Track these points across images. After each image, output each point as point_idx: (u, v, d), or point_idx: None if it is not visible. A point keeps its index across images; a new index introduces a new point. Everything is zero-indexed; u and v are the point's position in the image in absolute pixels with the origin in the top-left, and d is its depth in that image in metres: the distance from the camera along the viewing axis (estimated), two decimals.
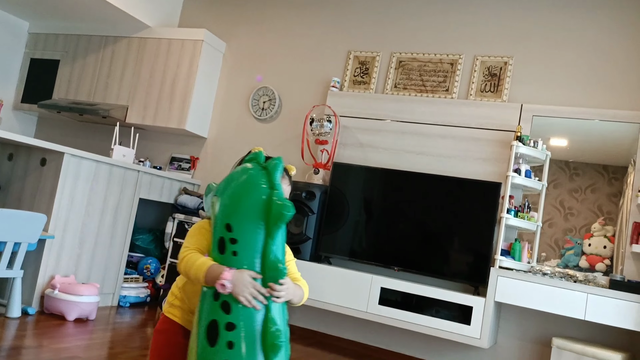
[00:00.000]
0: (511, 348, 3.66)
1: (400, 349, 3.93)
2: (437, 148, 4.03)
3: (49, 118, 5.72)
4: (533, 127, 3.79)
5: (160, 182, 4.49)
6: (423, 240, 3.86)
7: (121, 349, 3.13)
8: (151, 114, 4.88)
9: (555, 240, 3.75)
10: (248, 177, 1.48)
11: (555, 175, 3.81)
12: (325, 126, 4.24)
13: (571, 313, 3.21)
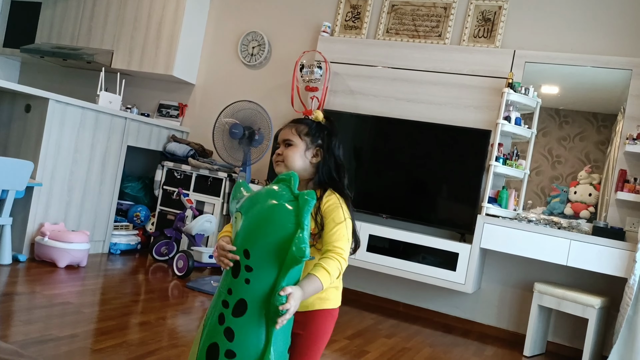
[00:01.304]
0: (494, 293, 3.76)
1: (387, 295, 4.04)
2: (428, 95, 3.99)
3: (32, 63, 5.58)
4: (525, 74, 3.75)
5: (149, 130, 4.45)
6: (412, 188, 3.88)
7: (113, 294, 3.18)
8: (137, 59, 4.77)
9: (542, 188, 3.78)
10: (278, 209, 1.35)
11: (544, 123, 3.80)
12: (316, 72, 4.16)
13: (554, 259, 3.28)
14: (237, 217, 1.41)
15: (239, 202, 1.44)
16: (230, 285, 1.37)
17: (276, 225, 1.35)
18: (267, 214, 1.36)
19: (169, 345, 2.46)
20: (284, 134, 1.58)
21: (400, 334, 3.35)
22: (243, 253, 1.36)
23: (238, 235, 1.38)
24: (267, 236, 1.34)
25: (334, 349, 2.83)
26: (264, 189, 1.44)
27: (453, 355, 3.11)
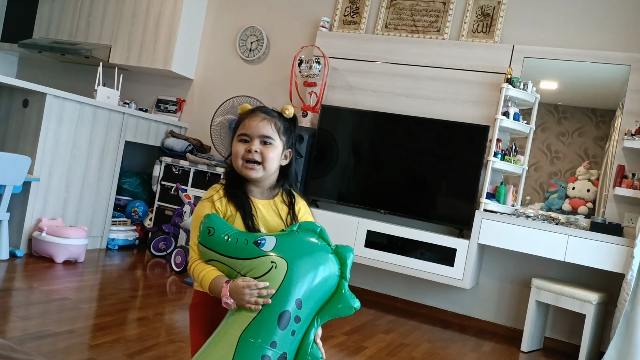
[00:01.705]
0: (492, 289, 3.77)
1: (385, 290, 4.04)
2: (427, 90, 3.98)
3: (30, 58, 5.57)
4: (524, 69, 3.74)
5: (147, 125, 4.44)
6: (410, 184, 3.88)
7: (111, 290, 3.18)
8: (135, 54, 4.75)
9: (540, 183, 3.78)
10: (329, 262, 1.35)
11: (543, 118, 3.80)
12: (314, 68, 4.15)
13: (551, 254, 3.28)
14: (275, 262, 1.29)
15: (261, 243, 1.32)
16: (275, 337, 1.25)
17: (326, 277, 1.33)
18: (320, 265, 1.33)
19: (167, 340, 2.47)
20: (261, 127, 1.39)
21: (398, 330, 3.36)
22: (296, 303, 1.28)
23: (287, 284, 1.28)
24: (320, 288, 1.32)
25: (332, 344, 2.83)
26: (295, 235, 1.36)
27: (451, 350, 3.12)
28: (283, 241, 1.33)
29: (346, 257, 1.38)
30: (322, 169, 4.06)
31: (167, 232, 4.20)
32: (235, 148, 1.41)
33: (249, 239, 1.32)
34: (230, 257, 1.32)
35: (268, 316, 1.26)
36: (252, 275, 1.29)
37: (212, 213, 1.36)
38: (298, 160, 4.04)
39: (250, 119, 1.41)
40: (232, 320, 1.29)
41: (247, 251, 1.31)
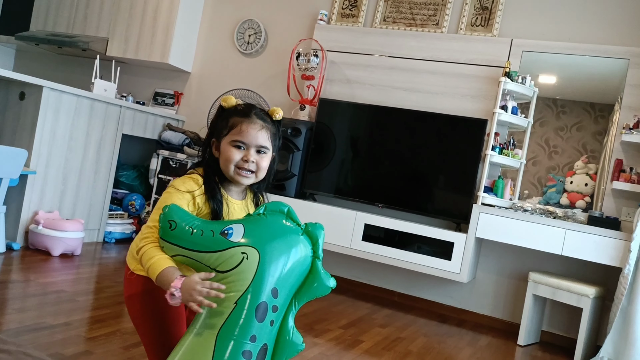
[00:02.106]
0: (489, 282, 3.77)
1: (382, 284, 4.04)
2: (425, 84, 3.97)
3: (27, 50, 5.54)
4: (522, 63, 3.73)
5: (144, 118, 4.42)
6: (408, 177, 3.87)
7: (108, 283, 3.18)
8: (133, 47, 4.73)
9: (539, 178, 3.77)
10: (301, 244, 1.31)
11: (542, 113, 3.79)
12: (312, 61, 4.14)
13: (549, 248, 3.28)
14: (246, 253, 1.22)
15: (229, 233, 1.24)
16: (254, 331, 1.21)
17: (300, 260, 1.29)
18: (293, 249, 1.29)
19: None
20: (259, 137, 1.38)
21: (394, 324, 3.36)
22: (271, 293, 1.24)
23: (260, 274, 1.22)
24: (294, 271, 1.28)
25: (328, 338, 2.84)
26: (263, 219, 1.31)
27: (447, 344, 3.12)
28: (251, 228, 1.27)
29: (317, 235, 1.34)
30: (319, 163, 4.05)
31: None
32: (228, 153, 1.36)
33: (215, 230, 1.25)
34: (196, 251, 1.23)
35: (244, 310, 1.20)
36: (222, 269, 1.22)
37: (171, 204, 1.27)
38: (296, 153, 4.03)
39: (249, 126, 1.37)
40: (206, 318, 1.23)
41: (215, 243, 1.23)
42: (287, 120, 4.07)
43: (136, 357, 2.13)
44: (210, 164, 1.41)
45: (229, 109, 1.42)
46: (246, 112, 1.40)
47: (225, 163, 1.37)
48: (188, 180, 1.36)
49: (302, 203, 3.92)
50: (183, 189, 1.34)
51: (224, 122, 1.40)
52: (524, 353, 3.24)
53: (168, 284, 1.21)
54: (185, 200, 1.32)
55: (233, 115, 1.40)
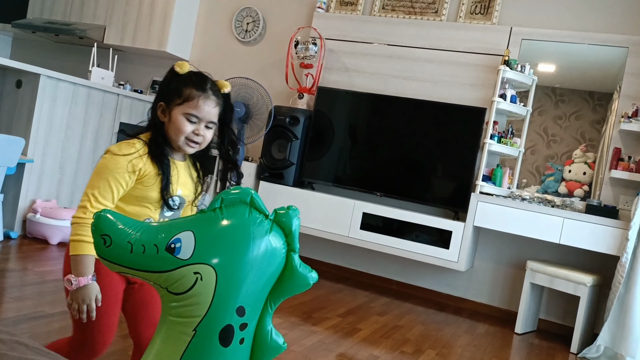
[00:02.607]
0: (487, 271, 3.78)
1: (380, 272, 4.05)
2: (424, 73, 3.95)
3: (24, 38, 5.50)
4: (521, 52, 3.71)
5: (142, 107, 4.40)
6: (406, 166, 3.87)
7: None
8: (130, 34, 4.69)
9: (537, 167, 3.77)
10: (265, 237, 1.08)
11: (540, 102, 3.78)
12: (311, 49, 4.11)
13: (547, 237, 3.29)
14: (199, 272, 1.03)
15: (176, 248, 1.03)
16: (220, 358, 1.05)
17: (269, 261, 1.09)
18: (260, 251, 1.07)
19: None
20: (212, 114, 1.39)
21: (392, 312, 3.37)
22: (237, 312, 1.05)
23: (220, 295, 1.04)
24: (262, 277, 1.08)
25: (327, 326, 2.85)
26: (218, 220, 1.06)
27: (445, 332, 3.14)
28: (203, 236, 1.05)
29: (290, 224, 1.11)
30: (318, 152, 4.04)
31: None
32: (180, 124, 1.37)
33: (160, 245, 1.02)
34: (141, 270, 1.03)
35: (207, 338, 1.04)
36: (174, 291, 1.04)
37: (100, 213, 1.03)
38: (294, 142, 4.01)
39: (205, 102, 1.38)
40: (163, 345, 1.07)
41: (160, 262, 1.02)
42: (286, 109, 4.05)
43: None
44: (157, 127, 1.41)
45: (183, 76, 1.39)
46: (202, 86, 1.39)
47: (176, 132, 1.38)
48: (124, 145, 1.36)
49: (301, 192, 3.91)
50: (119, 153, 1.34)
51: (177, 90, 1.38)
52: (522, 341, 3.26)
53: (78, 272, 1.27)
54: (122, 164, 1.32)
55: (188, 85, 1.38)
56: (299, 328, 2.74)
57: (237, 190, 1.09)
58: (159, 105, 1.41)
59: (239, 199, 1.08)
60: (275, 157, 4.04)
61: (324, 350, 2.47)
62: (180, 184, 1.43)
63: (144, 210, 1.38)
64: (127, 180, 1.33)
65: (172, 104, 1.39)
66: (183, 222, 1.06)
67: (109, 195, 1.32)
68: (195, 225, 1.05)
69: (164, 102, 1.40)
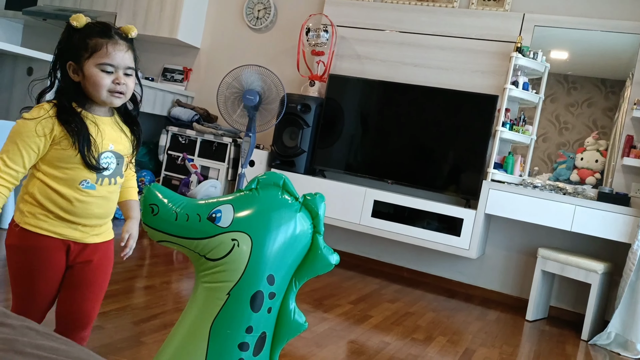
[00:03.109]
0: (498, 258, 3.79)
1: (391, 260, 4.07)
2: (436, 60, 3.94)
3: (35, 26, 5.52)
4: (534, 39, 3.68)
5: (153, 94, 4.42)
6: (418, 154, 3.87)
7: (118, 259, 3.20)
8: (141, 22, 4.70)
9: (549, 154, 3.76)
10: (297, 222, 1.19)
11: (553, 89, 3.75)
12: (322, 36, 4.10)
13: (558, 224, 3.29)
14: (238, 239, 1.14)
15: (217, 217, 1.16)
16: (250, 322, 1.15)
17: (297, 238, 1.19)
18: (290, 228, 1.18)
19: (174, 309, 2.50)
20: (127, 59, 1.34)
21: (403, 299, 3.40)
22: (267, 280, 1.15)
23: (254, 262, 1.14)
24: (291, 253, 1.18)
25: (338, 313, 2.87)
26: (255, 197, 1.19)
27: (456, 319, 3.16)
28: (241, 209, 1.16)
29: (317, 208, 1.21)
30: (329, 139, 4.04)
31: None
32: (97, 78, 1.31)
33: (202, 214, 1.15)
34: (183, 237, 1.16)
35: (239, 302, 1.13)
36: (212, 257, 1.15)
37: (153, 184, 1.23)
38: (305, 129, 4.02)
39: (115, 47, 1.32)
40: (197, 310, 1.17)
41: (202, 229, 1.14)
42: (297, 96, 4.06)
43: (146, 332, 2.16)
44: (66, 89, 1.34)
45: (83, 29, 1.33)
46: (106, 32, 1.33)
47: (95, 88, 1.32)
48: (35, 109, 1.31)
49: (312, 179, 3.93)
50: (28, 117, 1.30)
51: (81, 44, 1.32)
52: (532, 328, 3.28)
53: None
54: (31, 127, 1.28)
55: (92, 35, 1.32)
56: (311, 315, 2.77)
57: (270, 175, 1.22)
58: (69, 65, 1.33)
59: (272, 182, 1.21)
60: (286, 144, 4.05)
61: (335, 337, 2.50)
62: (111, 140, 1.37)
63: (77, 173, 1.32)
64: (38, 144, 1.29)
65: (81, 59, 1.32)
66: (223, 199, 1.19)
67: (19, 160, 1.29)
68: (234, 200, 1.18)
69: (72, 61, 1.33)
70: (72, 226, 1.35)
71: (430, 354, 2.51)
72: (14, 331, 0.75)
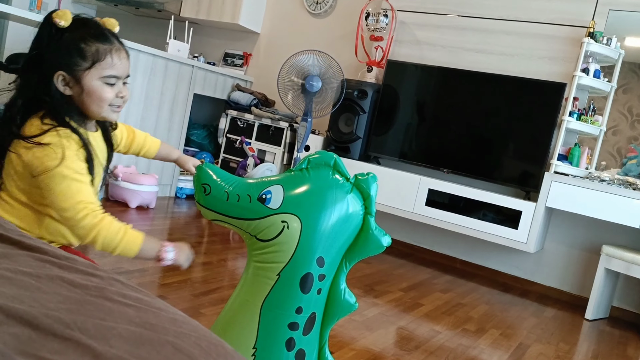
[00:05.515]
0: (558, 254, 3.64)
1: (444, 250, 4.00)
2: (500, 46, 3.80)
3: (106, 11, 5.76)
4: (608, 24, 3.47)
5: (214, 78, 4.52)
6: (476, 143, 3.76)
7: (179, 235, 3.35)
8: (205, 7, 4.81)
9: (618, 149, 3.56)
10: (348, 203, 1.17)
11: (626, 79, 3.54)
12: (382, 21, 4.05)
13: (626, 221, 3.12)
14: (287, 221, 1.13)
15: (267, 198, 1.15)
16: (300, 303, 1.16)
17: (348, 221, 1.17)
18: (341, 209, 1.15)
19: (229, 285, 2.58)
20: (127, 67, 1.20)
21: (455, 290, 3.34)
22: (317, 262, 1.15)
23: (304, 244, 1.13)
24: (341, 235, 1.17)
25: (388, 299, 2.86)
26: (305, 178, 1.17)
27: (510, 313, 3.07)
28: (291, 190, 1.15)
29: (369, 189, 1.19)
30: (385, 126, 4.01)
31: None
32: (100, 92, 1.15)
33: (252, 194, 1.15)
34: (234, 217, 1.16)
35: (288, 283, 1.14)
36: (262, 237, 1.15)
37: (206, 163, 1.20)
38: (361, 116, 4.00)
39: (119, 55, 1.18)
40: (248, 288, 1.18)
41: (253, 210, 1.15)
42: (354, 82, 4.04)
43: (205, 304, 2.25)
44: (58, 105, 1.14)
45: (71, 29, 1.13)
46: (105, 36, 1.17)
47: (98, 103, 1.16)
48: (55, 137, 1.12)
49: (367, 166, 3.91)
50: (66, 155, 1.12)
51: (75, 50, 1.12)
52: (592, 327, 3.14)
53: (157, 248, 1.22)
54: (81, 160, 1.14)
55: (87, 40, 1.14)
56: (362, 299, 2.77)
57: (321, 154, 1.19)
58: (57, 76, 1.13)
59: (323, 162, 1.18)
60: (342, 130, 4.05)
61: (385, 322, 2.50)
62: (102, 157, 1.28)
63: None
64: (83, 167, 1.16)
65: (76, 70, 1.13)
66: (274, 178, 1.18)
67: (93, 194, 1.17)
68: (285, 181, 1.17)
69: (63, 71, 1.13)
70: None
71: (482, 345, 2.46)
72: (102, 281, 0.82)
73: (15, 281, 0.75)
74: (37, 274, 0.80)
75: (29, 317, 0.65)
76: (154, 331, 0.68)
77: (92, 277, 0.84)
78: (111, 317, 0.70)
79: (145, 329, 0.68)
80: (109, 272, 0.87)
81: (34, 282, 0.77)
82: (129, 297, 0.78)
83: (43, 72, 1.12)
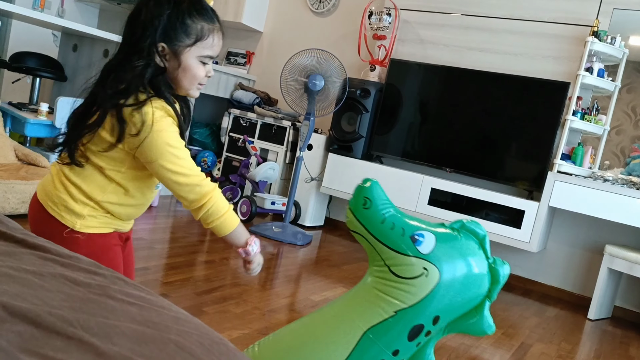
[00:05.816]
0: (560, 253, 3.64)
1: None
2: (503, 45, 3.79)
3: (110, 10, 5.77)
4: (612, 23, 3.46)
5: (217, 77, 4.53)
6: (479, 142, 3.76)
7: (182, 234, 3.35)
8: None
9: (622, 148, 3.55)
10: (482, 281, 1.18)
11: (630, 78, 3.53)
12: (385, 20, 4.04)
13: (629, 221, 3.11)
14: (428, 269, 1.13)
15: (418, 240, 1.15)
16: (400, 346, 1.16)
17: (475, 297, 1.18)
18: (474, 284, 1.17)
19: (232, 283, 2.58)
20: (220, 48, 1.21)
21: None
22: (433, 319, 1.16)
23: (432, 297, 1.13)
24: (464, 306, 1.18)
25: None
26: (457, 239, 1.18)
27: (512, 313, 3.07)
28: (442, 244, 1.16)
29: (500, 276, 1.19)
30: (388, 125, 4.00)
31: (233, 182, 4.33)
32: (196, 70, 1.15)
33: (406, 229, 1.15)
34: (379, 241, 1.16)
35: (401, 324, 1.14)
36: (396, 272, 1.15)
37: (376, 181, 1.17)
38: (364, 115, 4.00)
39: (220, 39, 1.18)
40: (360, 309, 1.18)
41: (401, 244, 1.15)
42: (357, 81, 4.03)
43: (207, 303, 2.25)
44: (156, 78, 1.13)
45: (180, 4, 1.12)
46: (210, 16, 1.15)
47: (190, 80, 1.16)
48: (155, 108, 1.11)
49: (369, 165, 3.91)
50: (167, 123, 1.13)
51: (181, 25, 1.12)
52: (594, 327, 3.14)
53: (245, 238, 1.23)
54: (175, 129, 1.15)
55: (195, 17, 1.13)
56: None
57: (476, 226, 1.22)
58: (159, 47, 1.12)
59: (474, 232, 1.20)
60: (344, 129, 4.05)
61: None
62: None
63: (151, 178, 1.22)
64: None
65: (177, 44, 1.13)
66: (430, 226, 1.20)
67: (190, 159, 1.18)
68: (439, 233, 1.18)
69: (165, 43, 1.12)
70: (129, 222, 1.31)
71: (484, 345, 2.45)
72: (106, 280, 0.83)
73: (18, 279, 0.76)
74: (40, 272, 0.80)
75: (32, 315, 0.65)
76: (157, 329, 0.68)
77: (95, 275, 0.84)
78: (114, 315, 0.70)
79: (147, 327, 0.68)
80: (111, 271, 0.87)
81: (37, 280, 0.77)
82: (131, 296, 0.78)
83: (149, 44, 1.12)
